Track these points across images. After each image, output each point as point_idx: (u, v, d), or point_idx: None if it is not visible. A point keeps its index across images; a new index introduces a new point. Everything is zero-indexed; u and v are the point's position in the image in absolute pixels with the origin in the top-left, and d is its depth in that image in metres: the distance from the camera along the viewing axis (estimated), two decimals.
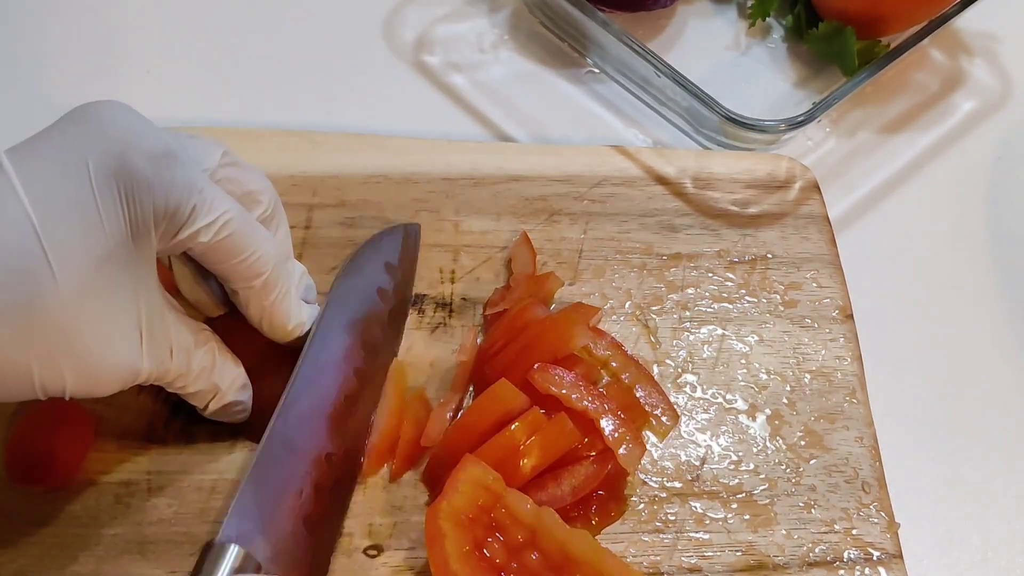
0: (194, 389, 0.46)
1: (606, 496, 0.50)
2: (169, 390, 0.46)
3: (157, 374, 0.43)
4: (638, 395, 0.53)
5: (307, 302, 0.51)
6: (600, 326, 0.56)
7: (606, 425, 0.49)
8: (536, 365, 0.50)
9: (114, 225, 0.38)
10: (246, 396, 0.49)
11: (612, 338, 0.55)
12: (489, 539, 0.45)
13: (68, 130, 0.39)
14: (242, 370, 0.49)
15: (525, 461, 0.47)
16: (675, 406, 0.53)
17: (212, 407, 0.48)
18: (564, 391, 0.49)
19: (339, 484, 0.48)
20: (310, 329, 0.50)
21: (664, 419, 0.53)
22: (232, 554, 0.41)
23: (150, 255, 0.41)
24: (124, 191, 0.39)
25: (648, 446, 0.52)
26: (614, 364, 0.54)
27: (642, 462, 0.52)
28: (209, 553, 0.41)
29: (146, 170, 0.39)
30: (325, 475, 0.47)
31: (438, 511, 0.45)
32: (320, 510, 0.46)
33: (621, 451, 0.49)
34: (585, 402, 0.49)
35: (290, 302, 0.48)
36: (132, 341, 0.40)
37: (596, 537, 0.49)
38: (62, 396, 0.39)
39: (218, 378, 0.47)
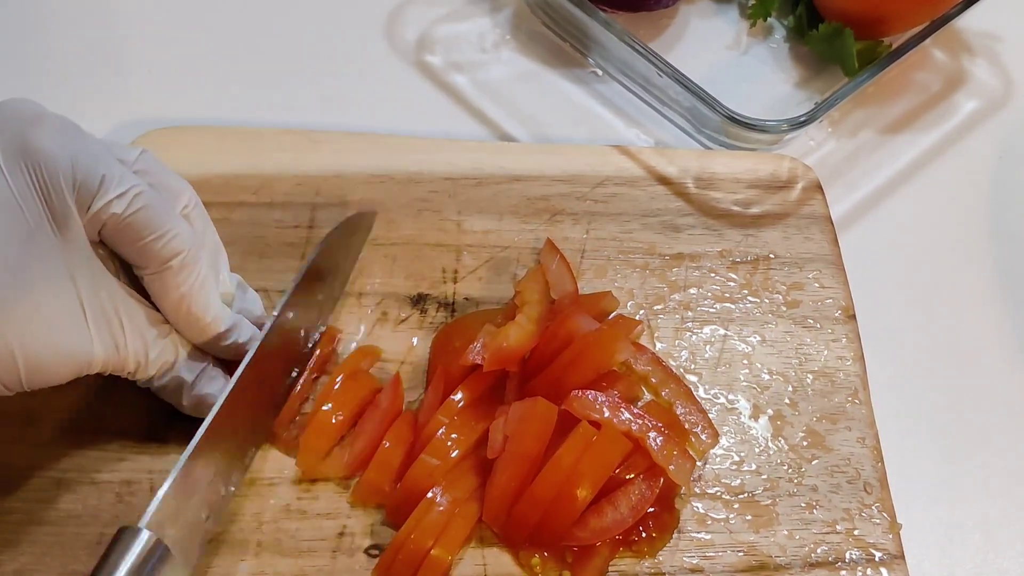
0: (160, 384, 0.46)
1: (659, 511, 0.49)
2: (140, 385, 0.46)
3: (115, 361, 0.43)
4: (678, 412, 0.52)
5: (254, 314, 0.51)
6: None
7: (652, 443, 0.48)
8: (572, 393, 0.49)
9: (29, 200, 0.40)
10: (216, 387, 0.49)
11: (652, 353, 0.54)
12: None
13: None
14: (209, 360, 0.49)
15: (583, 482, 0.47)
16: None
17: (186, 401, 0.48)
18: (606, 414, 0.49)
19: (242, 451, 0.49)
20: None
21: (704, 437, 0.52)
22: (143, 539, 0.41)
23: (79, 235, 0.41)
24: (32, 167, 0.40)
25: None
26: (654, 380, 0.53)
27: None
28: (122, 536, 0.41)
29: (50, 144, 0.40)
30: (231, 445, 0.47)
31: None
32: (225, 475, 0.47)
33: (671, 467, 0.48)
34: (628, 422, 0.49)
35: (208, 292, 0.46)
36: (77, 323, 0.41)
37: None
38: (20, 386, 0.40)
39: (183, 371, 0.47)
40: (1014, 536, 0.54)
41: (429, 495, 0.48)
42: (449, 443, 0.49)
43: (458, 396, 0.51)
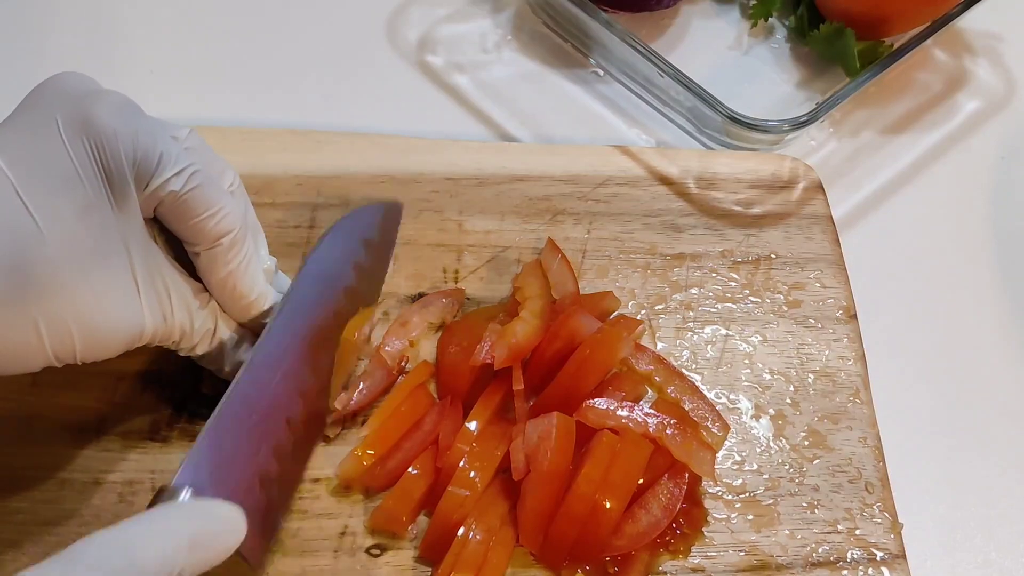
0: (202, 351, 0.47)
1: (688, 507, 0.49)
2: (181, 353, 0.47)
3: (163, 331, 0.44)
4: (686, 407, 0.52)
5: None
6: None
7: (671, 440, 0.48)
8: (584, 404, 0.49)
9: (90, 175, 0.40)
10: None
11: (654, 352, 0.54)
12: None
13: (34, 101, 0.41)
14: (246, 331, 0.49)
15: (616, 492, 0.47)
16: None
17: (228, 368, 0.49)
18: (623, 420, 0.49)
19: (297, 448, 0.49)
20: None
21: (715, 429, 0.52)
22: (185, 497, 0.40)
23: (134, 208, 0.42)
24: (93, 142, 0.40)
25: None
26: (658, 378, 0.53)
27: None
28: (162, 495, 0.40)
29: (112, 120, 0.41)
30: (284, 437, 0.47)
31: None
32: (276, 470, 0.46)
33: (694, 461, 0.48)
34: (644, 424, 0.49)
35: (254, 270, 0.47)
36: (129, 294, 0.41)
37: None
38: (73, 360, 0.40)
39: (224, 338, 0.48)
40: (1016, 536, 0.54)
41: (462, 530, 0.47)
42: (472, 473, 0.48)
43: (472, 424, 0.50)
